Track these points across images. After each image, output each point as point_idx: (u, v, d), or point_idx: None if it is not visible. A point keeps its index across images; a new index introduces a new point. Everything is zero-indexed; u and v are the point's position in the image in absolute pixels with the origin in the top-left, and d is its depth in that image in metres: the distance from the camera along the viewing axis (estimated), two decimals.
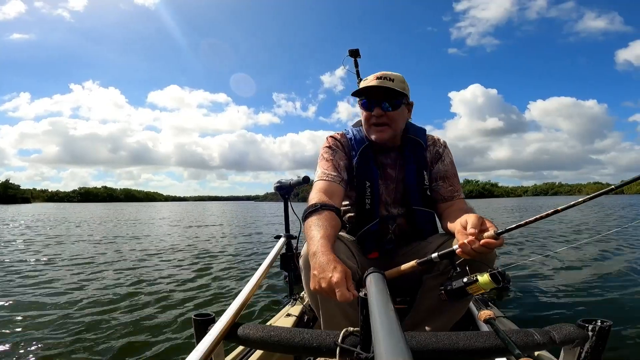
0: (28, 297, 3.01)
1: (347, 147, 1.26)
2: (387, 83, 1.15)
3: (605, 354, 0.71)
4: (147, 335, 2.14)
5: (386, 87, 1.15)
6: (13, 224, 12.61)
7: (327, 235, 0.90)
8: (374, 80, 1.17)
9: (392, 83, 1.16)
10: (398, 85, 1.17)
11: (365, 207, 1.21)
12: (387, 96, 1.17)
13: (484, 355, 0.69)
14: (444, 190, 1.23)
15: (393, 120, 1.19)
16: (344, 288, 0.74)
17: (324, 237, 0.88)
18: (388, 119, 1.18)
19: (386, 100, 1.17)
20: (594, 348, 0.71)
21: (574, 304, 2.67)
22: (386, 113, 1.17)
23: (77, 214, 20.17)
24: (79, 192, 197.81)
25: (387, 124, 1.18)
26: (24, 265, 4.47)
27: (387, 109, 1.17)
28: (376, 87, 1.15)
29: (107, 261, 4.77)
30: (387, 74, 1.18)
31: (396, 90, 1.15)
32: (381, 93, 1.17)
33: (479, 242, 0.84)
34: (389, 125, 1.19)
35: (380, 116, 1.17)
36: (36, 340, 2.06)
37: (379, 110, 1.17)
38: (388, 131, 1.19)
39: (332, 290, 0.74)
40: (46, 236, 8.20)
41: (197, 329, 0.80)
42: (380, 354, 0.40)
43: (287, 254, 2.11)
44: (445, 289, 0.86)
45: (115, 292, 3.16)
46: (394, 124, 1.19)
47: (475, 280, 0.80)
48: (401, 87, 1.17)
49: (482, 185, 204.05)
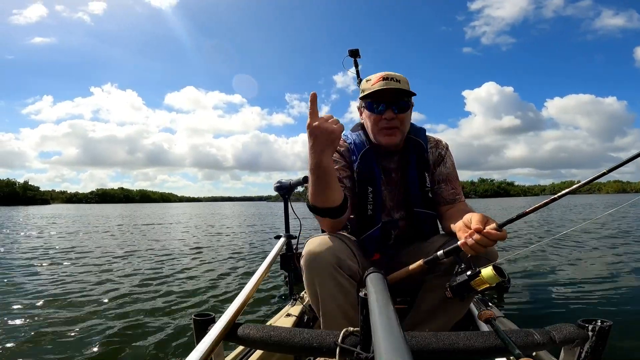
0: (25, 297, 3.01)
1: (348, 153, 1.23)
2: (395, 84, 1.12)
3: (606, 354, 0.71)
4: (147, 335, 2.14)
5: (396, 88, 1.12)
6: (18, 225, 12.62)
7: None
8: (380, 80, 1.13)
9: (400, 84, 1.13)
10: (405, 86, 1.15)
11: (367, 212, 1.19)
12: (396, 98, 1.13)
13: (484, 355, 0.69)
14: (446, 193, 1.22)
15: (403, 122, 1.16)
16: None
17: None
18: (399, 122, 1.15)
19: (396, 102, 1.13)
20: (594, 348, 0.71)
21: (574, 304, 2.67)
22: (397, 116, 1.14)
23: (86, 217, 20.19)
24: (96, 193, 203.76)
25: (397, 127, 1.15)
26: (29, 266, 4.47)
27: (398, 112, 1.14)
28: (387, 89, 1.12)
29: (107, 260, 4.77)
30: (393, 75, 1.15)
31: (406, 91, 1.13)
32: (391, 95, 1.13)
33: (482, 235, 0.85)
34: (399, 128, 1.16)
35: (392, 119, 1.14)
36: (35, 339, 2.06)
37: (390, 113, 1.13)
38: (398, 134, 1.16)
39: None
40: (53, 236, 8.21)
41: (197, 329, 0.80)
42: (380, 354, 0.40)
43: (287, 254, 2.11)
44: (450, 286, 0.86)
45: (115, 291, 3.16)
46: (403, 126, 1.17)
47: (478, 273, 0.81)
48: (409, 89, 1.15)
49: (497, 185, 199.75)
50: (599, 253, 4.79)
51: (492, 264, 0.81)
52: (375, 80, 1.15)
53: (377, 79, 1.14)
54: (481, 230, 0.86)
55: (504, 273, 0.80)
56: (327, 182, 0.99)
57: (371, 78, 1.17)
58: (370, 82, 1.16)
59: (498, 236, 0.85)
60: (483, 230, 0.86)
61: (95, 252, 5.59)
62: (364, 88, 1.18)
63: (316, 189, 1.01)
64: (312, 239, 1.08)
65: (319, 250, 1.02)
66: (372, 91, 1.13)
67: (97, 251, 5.74)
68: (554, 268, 3.90)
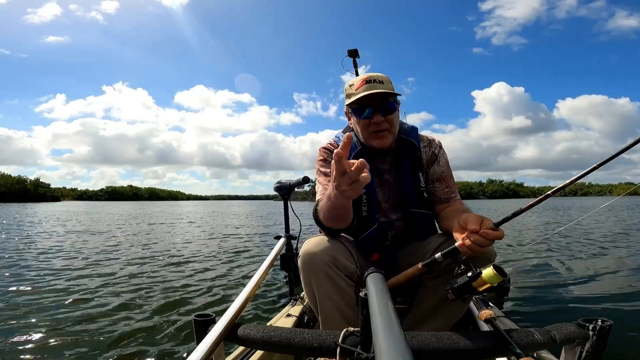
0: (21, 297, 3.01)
1: None
2: (379, 87, 1.12)
3: (606, 353, 0.71)
4: (147, 336, 2.13)
5: (382, 91, 1.11)
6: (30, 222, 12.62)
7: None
8: (363, 84, 1.13)
9: (384, 85, 1.13)
10: (389, 87, 1.14)
11: (362, 214, 1.19)
12: (383, 100, 1.13)
13: (485, 355, 0.69)
14: (441, 192, 1.22)
15: (392, 124, 1.16)
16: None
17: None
18: (388, 124, 1.15)
19: (383, 104, 1.13)
20: (595, 348, 0.71)
21: (574, 304, 2.66)
22: (386, 118, 1.14)
23: (95, 214, 20.22)
24: (106, 190, 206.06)
25: (387, 129, 1.15)
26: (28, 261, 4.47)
27: (386, 114, 1.13)
28: (371, 94, 1.11)
29: (108, 260, 4.76)
30: (375, 76, 1.14)
31: (390, 93, 1.12)
32: (377, 98, 1.12)
33: (479, 235, 0.85)
34: (389, 130, 1.16)
35: (381, 122, 1.14)
36: (34, 339, 2.06)
37: (379, 117, 1.13)
38: (389, 136, 1.16)
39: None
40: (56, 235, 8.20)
41: (198, 330, 0.80)
42: (381, 354, 0.40)
43: (287, 254, 2.11)
44: (451, 288, 0.86)
45: (114, 291, 3.15)
46: (393, 127, 1.17)
47: (479, 273, 0.81)
48: (392, 89, 1.15)
49: (506, 185, 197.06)
50: (600, 253, 4.79)
51: (492, 264, 0.81)
52: (359, 84, 1.14)
53: (360, 82, 1.14)
54: (478, 230, 0.86)
55: (505, 272, 0.80)
56: (344, 216, 1.01)
57: (354, 82, 1.16)
58: (354, 87, 1.15)
59: (495, 235, 0.85)
60: (480, 230, 0.86)
61: (95, 251, 5.58)
62: (349, 94, 1.17)
63: (331, 218, 1.03)
64: (309, 239, 1.08)
65: (315, 250, 1.02)
66: (358, 97, 1.12)
67: (96, 250, 5.73)
68: (554, 268, 3.89)
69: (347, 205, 0.96)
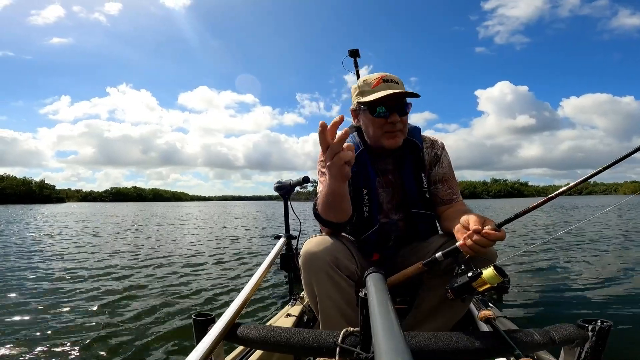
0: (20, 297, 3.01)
1: None
2: (396, 87, 1.11)
3: (605, 354, 0.71)
4: (147, 336, 2.13)
5: (402, 91, 1.10)
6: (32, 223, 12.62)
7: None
8: (381, 82, 1.11)
9: (399, 86, 1.12)
10: (404, 87, 1.14)
11: (363, 214, 1.18)
12: (398, 100, 1.10)
13: (484, 355, 0.69)
14: (443, 193, 1.21)
15: (405, 124, 1.16)
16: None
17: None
18: (402, 124, 1.14)
19: (400, 104, 1.11)
20: (594, 348, 0.71)
21: (574, 304, 2.67)
22: (401, 118, 1.12)
23: (96, 215, 20.22)
24: (110, 192, 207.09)
25: (400, 129, 1.14)
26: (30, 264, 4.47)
27: (402, 114, 1.12)
28: (394, 94, 1.09)
29: (108, 259, 4.77)
30: (391, 76, 1.13)
31: (408, 93, 1.10)
32: (394, 97, 1.10)
33: (481, 236, 0.85)
34: (402, 130, 1.15)
35: (397, 122, 1.12)
36: (34, 339, 2.06)
37: (396, 117, 1.10)
38: (401, 136, 1.15)
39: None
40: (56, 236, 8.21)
41: (197, 329, 0.80)
42: (381, 354, 0.40)
43: (287, 254, 2.11)
44: (451, 287, 0.86)
45: (114, 291, 3.16)
46: (405, 128, 1.16)
47: (479, 274, 0.81)
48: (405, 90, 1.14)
49: (510, 185, 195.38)
50: (600, 253, 4.79)
51: (493, 265, 0.81)
52: (375, 82, 1.12)
53: (377, 80, 1.12)
54: (480, 230, 0.86)
55: (505, 273, 0.80)
56: (339, 204, 1.01)
57: (369, 80, 1.15)
58: (371, 85, 1.13)
59: (497, 236, 0.84)
60: (481, 230, 0.86)
61: (94, 251, 5.58)
62: (364, 90, 1.15)
63: (327, 207, 1.03)
64: (310, 239, 1.08)
65: (316, 249, 1.02)
66: (381, 96, 1.08)
67: (96, 250, 5.74)
68: (554, 268, 3.90)
69: (341, 190, 0.95)
